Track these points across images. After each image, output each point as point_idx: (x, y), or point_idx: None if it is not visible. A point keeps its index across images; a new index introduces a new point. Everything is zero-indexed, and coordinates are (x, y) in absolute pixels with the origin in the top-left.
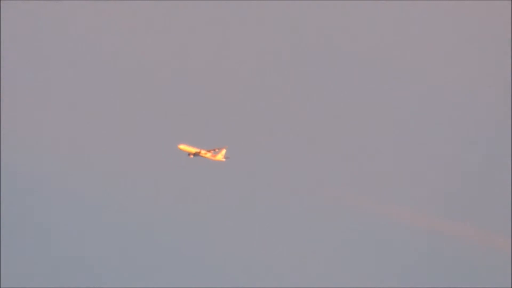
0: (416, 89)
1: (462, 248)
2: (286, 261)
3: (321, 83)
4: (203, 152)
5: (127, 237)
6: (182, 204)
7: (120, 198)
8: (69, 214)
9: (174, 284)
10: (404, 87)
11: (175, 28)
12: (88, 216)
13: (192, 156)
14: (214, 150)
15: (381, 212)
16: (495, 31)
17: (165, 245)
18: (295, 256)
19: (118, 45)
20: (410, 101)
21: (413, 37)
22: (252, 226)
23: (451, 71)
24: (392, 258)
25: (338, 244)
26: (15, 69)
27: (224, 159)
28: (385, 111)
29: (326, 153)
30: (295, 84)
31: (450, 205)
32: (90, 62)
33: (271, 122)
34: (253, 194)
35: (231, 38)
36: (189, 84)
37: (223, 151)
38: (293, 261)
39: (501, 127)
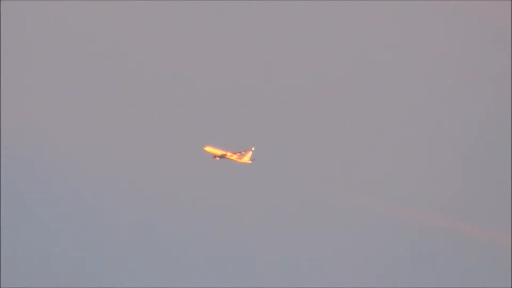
0: (416, 89)
1: (462, 248)
2: (297, 261)
3: (322, 83)
4: (229, 154)
5: (139, 239)
6: (206, 204)
7: (144, 199)
8: (73, 214)
9: (182, 284)
10: (404, 87)
11: (197, 29)
12: (94, 217)
13: (218, 158)
14: (240, 152)
15: (382, 212)
16: (495, 31)
17: (180, 245)
18: (305, 256)
19: (123, 45)
20: (410, 101)
21: (413, 37)
22: (268, 226)
23: (451, 71)
24: (392, 258)
25: (348, 244)
26: (15, 69)
27: (250, 161)
28: (385, 111)
29: (331, 154)
30: (297, 85)
31: (451, 204)
32: (91, 62)
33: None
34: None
35: (252, 41)
36: (215, 86)
37: (249, 153)
38: (303, 262)
39: (501, 127)
